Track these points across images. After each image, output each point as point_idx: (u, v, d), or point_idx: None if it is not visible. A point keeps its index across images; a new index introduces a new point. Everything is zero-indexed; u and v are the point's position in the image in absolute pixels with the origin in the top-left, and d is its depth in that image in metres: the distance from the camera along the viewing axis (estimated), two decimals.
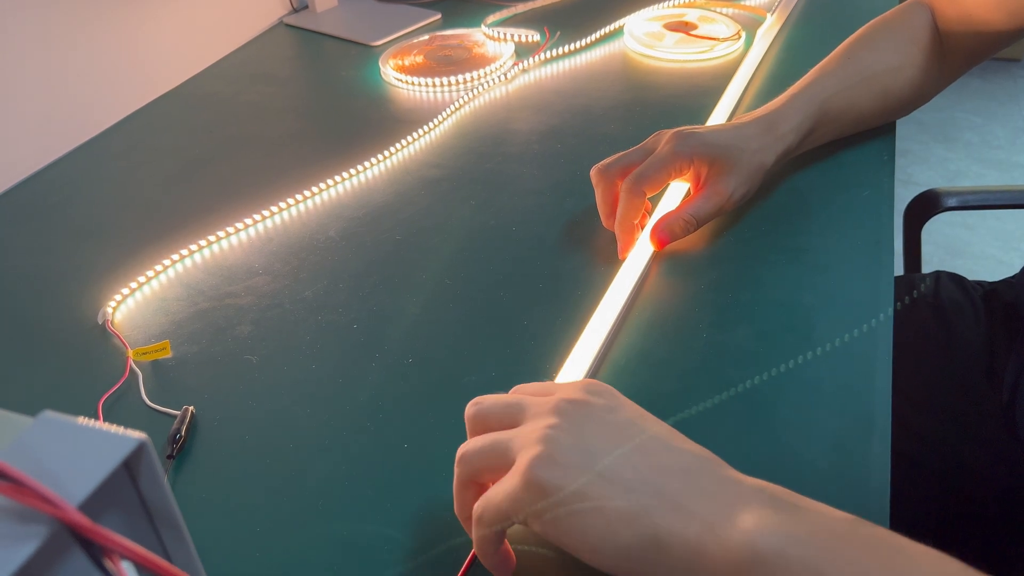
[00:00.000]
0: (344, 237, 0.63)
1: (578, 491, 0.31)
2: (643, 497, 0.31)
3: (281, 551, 0.40)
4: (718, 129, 0.58)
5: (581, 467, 0.32)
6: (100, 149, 0.80)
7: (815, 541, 0.28)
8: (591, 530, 0.31)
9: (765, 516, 0.30)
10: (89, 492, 0.20)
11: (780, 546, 0.28)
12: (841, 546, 0.28)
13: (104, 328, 0.56)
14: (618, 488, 0.31)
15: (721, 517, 0.30)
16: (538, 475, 0.32)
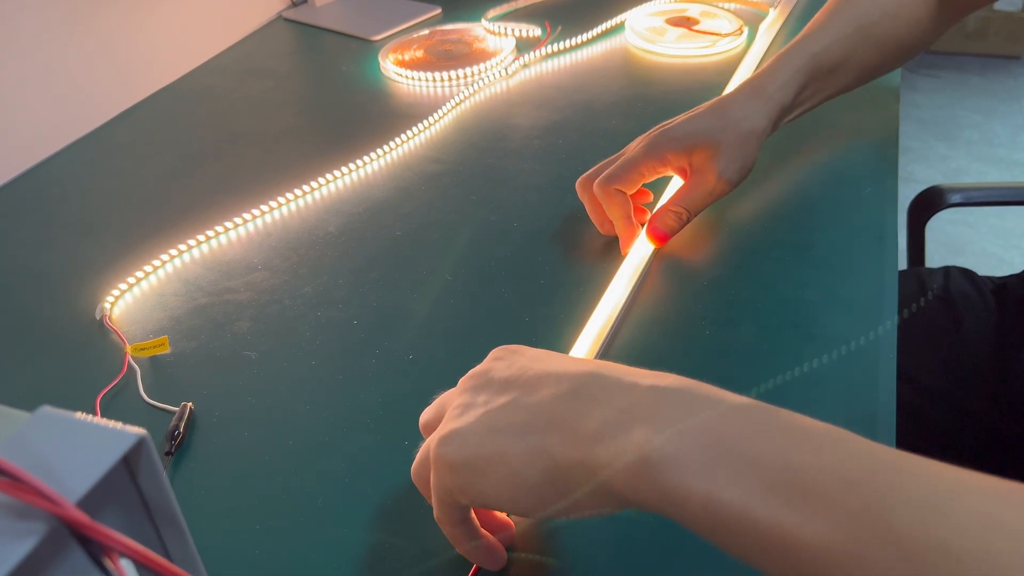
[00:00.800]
0: (344, 232, 0.63)
1: (477, 453, 0.32)
2: (536, 435, 0.31)
3: (280, 549, 0.40)
4: (698, 113, 0.56)
5: (476, 433, 0.33)
6: (98, 143, 0.79)
7: (706, 436, 0.27)
8: (502, 483, 0.31)
9: (655, 418, 0.29)
10: (88, 488, 0.20)
11: (669, 450, 0.27)
12: (733, 439, 0.27)
13: (102, 323, 0.55)
14: (512, 436, 0.32)
15: (611, 428, 0.29)
16: (440, 454, 0.33)
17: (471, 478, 0.32)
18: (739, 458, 0.26)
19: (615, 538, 0.39)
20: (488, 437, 0.32)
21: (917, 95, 2.37)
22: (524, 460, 0.31)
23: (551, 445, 0.31)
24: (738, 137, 0.54)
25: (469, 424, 0.33)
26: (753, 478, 0.26)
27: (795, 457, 0.26)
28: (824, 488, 0.25)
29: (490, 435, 0.32)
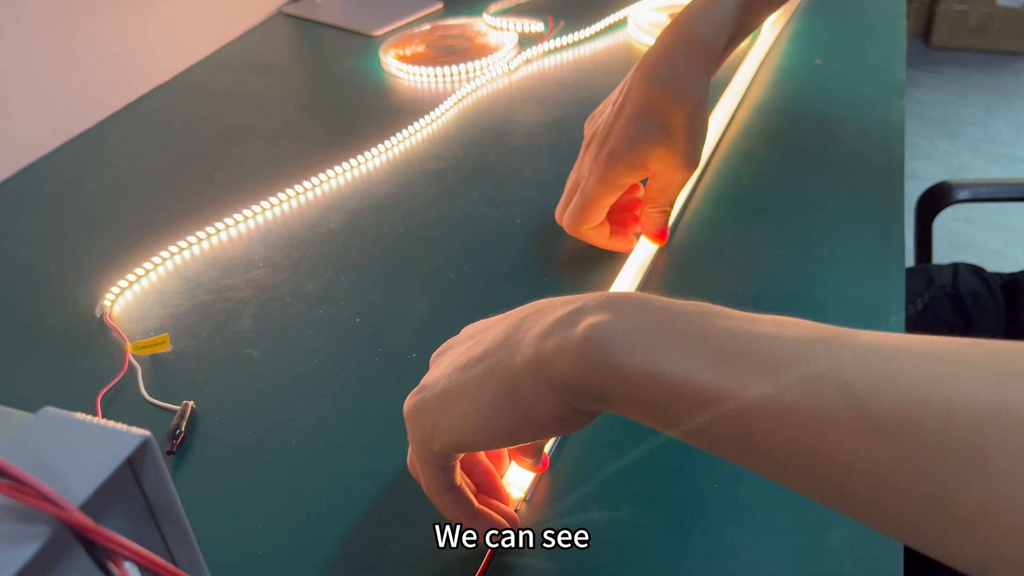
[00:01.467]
0: (345, 229, 0.63)
1: (441, 392, 0.33)
2: (490, 358, 0.32)
3: (283, 549, 0.40)
4: (636, 115, 0.50)
5: (440, 377, 0.34)
6: (98, 139, 0.79)
7: (652, 318, 0.28)
8: (466, 414, 0.32)
9: (601, 310, 0.29)
10: (92, 491, 0.20)
11: (615, 331, 0.28)
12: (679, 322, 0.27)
13: (102, 321, 0.55)
14: (468, 368, 0.33)
15: (558, 325, 0.30)
16: (409, 406, 0.35)
17: (438, 417, 0.33)
18: (684, 334, 0.27)
19: (615, 540, 0.39)
20: (450, 377, 0.33)
21: (920, 91, 2.36)
22: (480, 382, 0.32)
23: (502, 360, 0.31)
24: (686, 120, 0.49)
25: (434, 375, 0.35)
26: (698, 348, 0.26)
27: (740, 327, 0.26)
28: (770, 351, 0.25)
29: (452, 374, 0.33)
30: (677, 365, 0.26)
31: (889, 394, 0.22)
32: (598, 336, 0.28)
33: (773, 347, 0.25)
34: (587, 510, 0.40)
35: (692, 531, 0.38)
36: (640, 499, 0.40)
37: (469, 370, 0.33)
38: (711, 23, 0.50)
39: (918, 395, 0.22)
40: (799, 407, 0.23)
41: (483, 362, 0.32)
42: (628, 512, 0.40)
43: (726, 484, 0.40)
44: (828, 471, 0.23)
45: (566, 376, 0.29)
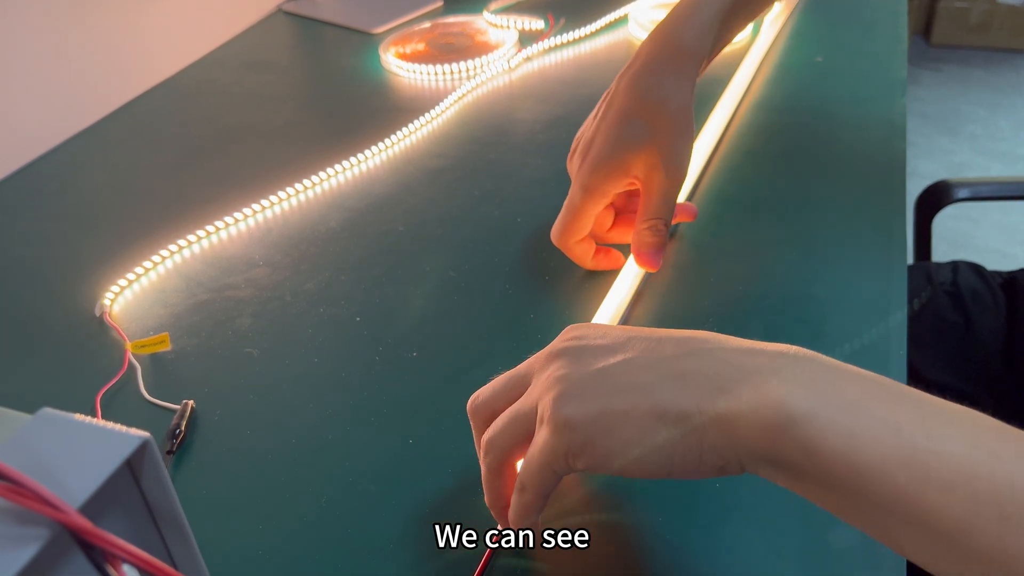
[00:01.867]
0: (346, 228, 0.62)
1: (603, 411, 0.31)
2: (665, 391, 0.30)
3: (283, 549, 0.39)
4: (620, 121, 0.48)
5: (597, 390, 0.32)
6: (97, 138, 0.78)
7: (844, 401, 0.28)
8: (631, 443, 0.30)
9: (791, 379, 0.28)
10: (90, 493, 0.19)
11: (810, 407, 0.27)
12: (871, 404, 0.27)
13: (102, 320, 0.55)
14: (638, 393, 0.31)
15: (747, 385, 0.29)
16: (561, 414, 0.32)
17: (596, 437, 0.31)
18: (880, 422, 0.27)
19: (615, 541, 0.38)
20: (613, 395, 0.31)
21: (920, 89, 2.36)
22: (652, 415, 0.30)
23: (683, 400, 0.30)
24: (672, 126, 0.48)
25: (591, 385, 0.32)
26: (894, 445, 0.26)
27: (934, 427, 0.26)
28: (961, 462, 0.25)
29: (615, 393, 0.31)
30: (873, 456, 0.26)
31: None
32: (793, 413, 0.27)
33: (968, 459, 0.25)
34: (587, 510, 0.40)
35: (693, 531, 0.38)
36: (641, 499, 0.40)
37: (636, 396, 0.31)
38: (694, 29, 0.49)
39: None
40: (991, 530, 0.24)
41: (654, 394, 0.30)
42: (629, 512, 0.39)
43: (728, 484, 0.40)
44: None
45: (756, 445, 0.28)
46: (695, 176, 0.63)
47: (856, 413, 0.27)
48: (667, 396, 0.30)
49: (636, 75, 0.49)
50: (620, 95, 0.49)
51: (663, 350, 0.32)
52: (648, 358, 0.32)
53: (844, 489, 0.27)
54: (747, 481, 0.40)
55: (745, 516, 0.39)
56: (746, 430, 0.28)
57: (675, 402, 0.30)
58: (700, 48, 0.50)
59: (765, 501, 0.39)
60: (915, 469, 0.25)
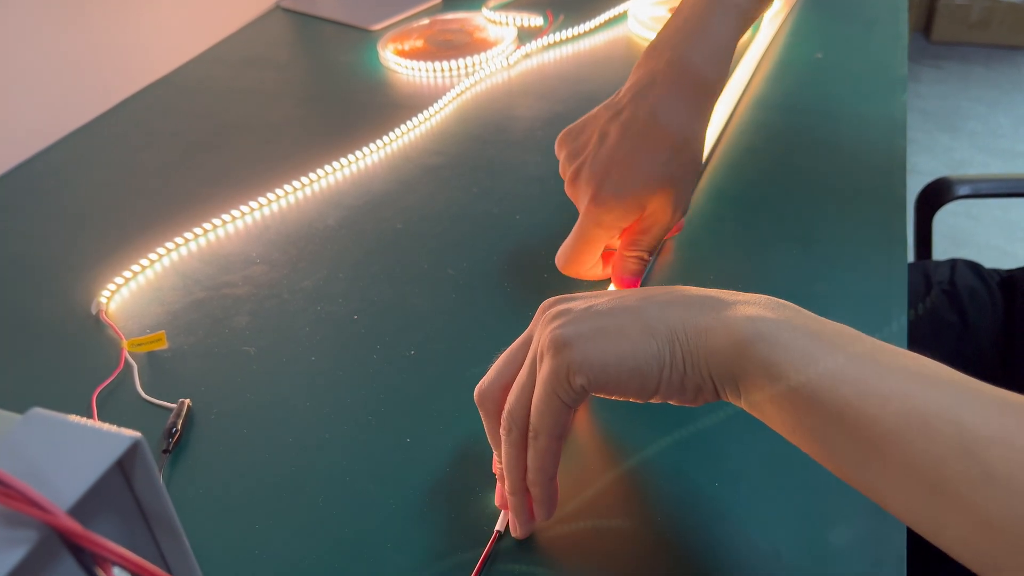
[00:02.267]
0: (343, 225, 0.62)
1: (597, 327, 0.33)
2: (652, 312, 0.34)
3: (280, 549, 0.39)
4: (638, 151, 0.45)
5: (591, 316, 0.34)
6: (94, 135, 0.78)
7: (810, 331, 0.31)
8: (625, 355, 0.33)
9: (763, 308, 0.32)
10: (80, 495, 0.19)
11: (777, 328, 0.31)
12: (830, 335, 0.30)
13: (98, 318, 0.55)
14: (629, 314, 0.34)
15: (725, 308, 0.33)
16: (558, 333, 0.34)
17: (593, 349, 0.33)
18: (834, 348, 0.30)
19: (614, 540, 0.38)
20: (605, 316, 0.34)
21: (920, 85, 2.36)
22: (646, 332, 0.33)
23: (670, 318, 0.33)
24: (688, 165, 0.47)
25: (578, 312, 0.35)
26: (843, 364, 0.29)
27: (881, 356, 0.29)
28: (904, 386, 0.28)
29: (607, 315, 0.34)
30: (823, 376, 0.29)
31: (1000, 448, 0.25)
32: (761, 329, 0.31)
33: (907, 381, 0.28)
34: (587, 508, 0.39)
35: (693, 530, 0.38)
36: (640, 498, 0.40)
37: (629, 317, 0.34)
38: (714, 62, 0.47)
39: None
40: (917, 440, 0.26)
41: (645, 314, 0.33)
42: (628, 511, 0.39)
43: (726, 483, 0.40)
44: (932, 505, 0.26)
45: (726, 356, 0.31)
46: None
47: (815, 337, 0.30)
48: (655, 315, 0.33)
49: (657, 105, 0.46)
50: (638, 123, 0.46)
51: (656, 293, 0.35)
52: (636, 295, 0.35)
53: (797, 405, 0.29)
54: (747, 481, 0.40)
55: (744, 515, 0.38)
56: (718, 342, 0.32)
57: (662, 319, 0.33)
58: (721, 79, 0.47)
59: (765, 501, 0.39)
60: (859, 385, 0.28)
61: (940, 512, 0.26)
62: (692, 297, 0.34)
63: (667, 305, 0.34)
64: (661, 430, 0.43)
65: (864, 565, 0.36)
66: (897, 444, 0.27)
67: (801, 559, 0.36)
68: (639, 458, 0.42)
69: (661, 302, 0.34)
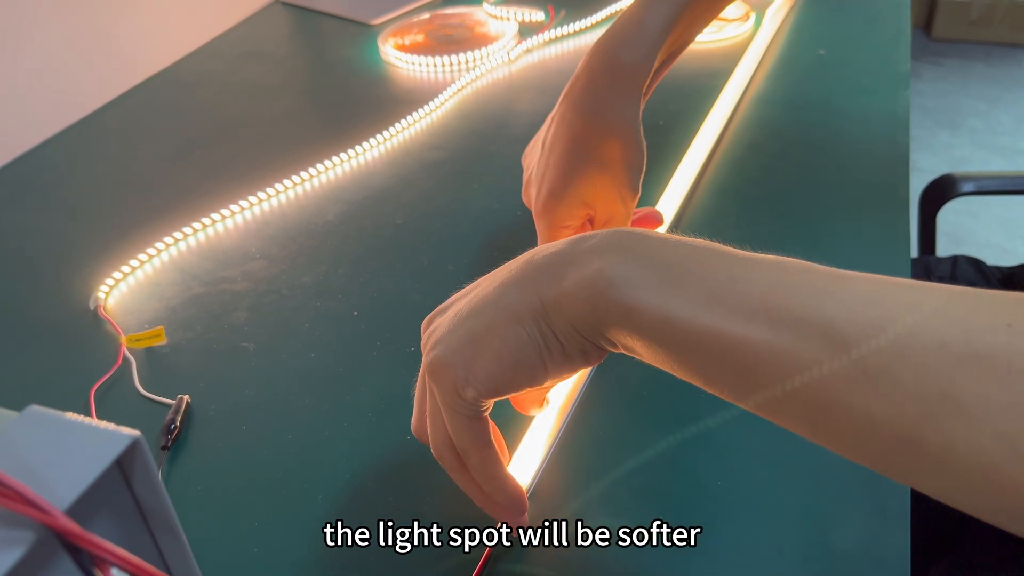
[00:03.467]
0: (343, 221, 0.62)
1: (467, 336, 0.33)
2: (511, 297, 0.32)
3: (279, 546, 0.39)
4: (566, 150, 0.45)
5: (456, 326, 0.34)
6: (93, 128, 0.78)
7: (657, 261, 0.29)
8: (502, 354, 0.32)
9: (610, 251, 0.30)
10: (78, 494, 0.19)
11: (624, 271, 0.29)
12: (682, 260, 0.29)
13: (96, 314, 0.54)
14: (490, 309, 0.33)
15: (573, 265, 0.31)
16: (433, 357, 0.34)
17: (470, 362, 0.32)
18: (688, 273, 0.28)
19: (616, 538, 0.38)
20: (470, 321, 0.33)
21: (921, 83, 2.35)
22: (512, 321, 0.32)
23: (528, 298, 0.32)
24: (620, 149, 0.46)
25: (447, 325, 0.34)
26: (700, 291, 0.28)
27: (741, 272, 0.28)
28: (766, 296, 0.27)
29: (471, 319, 0.33)
30: (682, 308, 0.28)
31: (872, 342, 0.24)
32: (611, 278, 0.29)
33: (768, 292, 0.27)
34: (588, 507, 0.39)
35: (694, 528, 0.38)
36: (642, 496, 0.40)
37: (492, 313, 0.33)
38: (638, 48, 0.45)
39: (897, 343, 0.24)
40: (789, 349, 0.25)
41: (505, 303, 0.32)
42: (630, 509, 0.39)
43: (729, 481, 0.40)
44: (815, 411, 0.26)
45: (585, 315, 0.30)
46: (696, 171, 0.62)
47: (667, 269, 0.29)
48: (514, 299, 0.32)
49: (578, 99, 0.46)
50: (564, 121, 0.46)
51: (504, 271, 0.34)
52: (491, 282, 0.34)
53: (664, 341, 0.29)
54: (750, 479, 0.40)
55: (747, 514, 0.38)
56: (574, 305, 0.30)
57: (522, 301, 0.32)
58: (644, 67, 0.46)
59: (767, 499, 0.39)
60: (720, 307, 0.27)
61: (823, 417, 0.26)
62: (541, 265, 0.32)
63: (521, 283, 0.33)
64: (662, 429, 0.43)
65: (867, 564, 0.36)
66: (768, 358, 0.26)
67: (803, 558, 0.36)
68: (640, 457, 0.42)
69: (516, 281, 0.33)
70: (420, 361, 0.48)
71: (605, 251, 0.30)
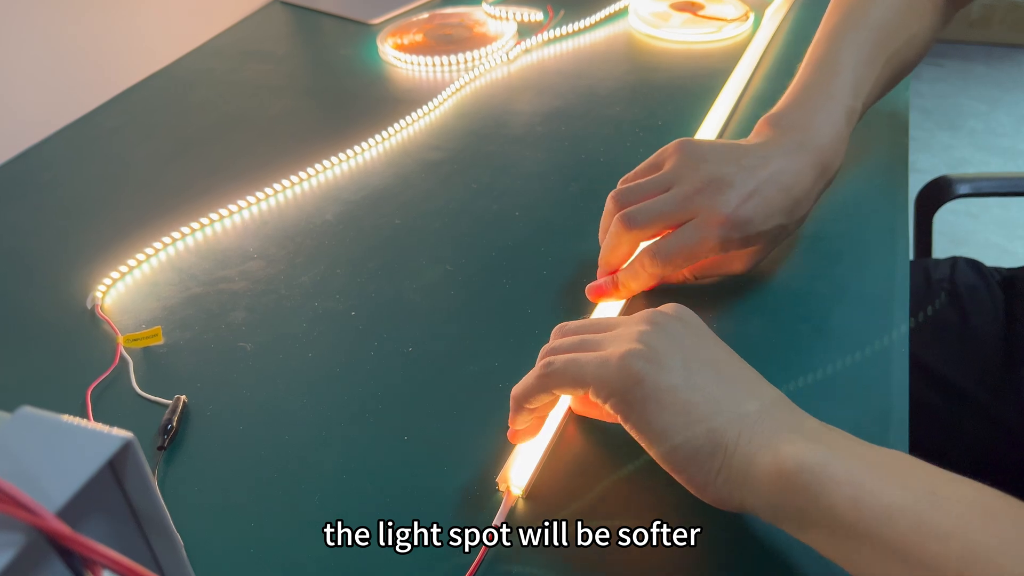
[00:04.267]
0: (342, 221, 0.62)
1: (667, 385, 0.35)
2: (722, 407, 0.34)
3: (276, 548, 0.39)
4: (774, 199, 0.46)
5: (672, 366, 0.35)
6: (92, 127, 0.77)
7: (857, 461, 0.31)
8: (668, 421, 0.34)
9: (819, 440, 0.33)
10: (69, 496, 0.19)
11: (825, 460, 0.31)
12: (880, 461, 0.31)
13: (93, 313, 0.54)
14: (701, 393, 0.35)
15: (779, 439, 0.33)
16: (634, 364, 0.35)
17: (649, 405, 0.35)
18: (887, 475, 0.30)
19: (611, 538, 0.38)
20: (682, 380, 0.35)
21: (920, 84, 2.35)
22: (699, 416, 0.34)
23: (729, 423, 0.34)
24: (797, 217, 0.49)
25: (670, 359, 0.36)
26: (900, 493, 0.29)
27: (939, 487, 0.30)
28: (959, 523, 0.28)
29: (684, 380, 0.35)
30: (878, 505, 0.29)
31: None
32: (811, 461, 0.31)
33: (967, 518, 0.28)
34: (588, 507, 0.39)
35: (690, 530, 0.38)
36: (642, 496, 0.39)
37: (704, 407, 0.34)
38: (839, 153, 0.50)
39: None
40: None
41: (718, 411, 0.34)
42: (630, 509, 0.39)
43: None
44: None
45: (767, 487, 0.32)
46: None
47: (866, 467, 0.31)
48: (718, 411, 0.34)
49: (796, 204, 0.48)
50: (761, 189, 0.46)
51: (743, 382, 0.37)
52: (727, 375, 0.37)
53: (847, 534, 0.30)
54: None
55: (746, 515, 0.38)
56: (762, 471, 0.32)
57: (720, 419, 0.34)
58: (836, 164, 0.50)
59: None
60: (916, 518, 0.28)
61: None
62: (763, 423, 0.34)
63: (742, 418, 0.34)
64: None
65: None
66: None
67: (800, 558, 0.36)
68: (637, 457, 0.41)
69: (741, 413, 0.34)
70: (418, 362, 0.48)
71: (816, 435, 0.33)
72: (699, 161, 0.48)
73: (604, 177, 0.64)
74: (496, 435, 0.43)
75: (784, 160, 0.47)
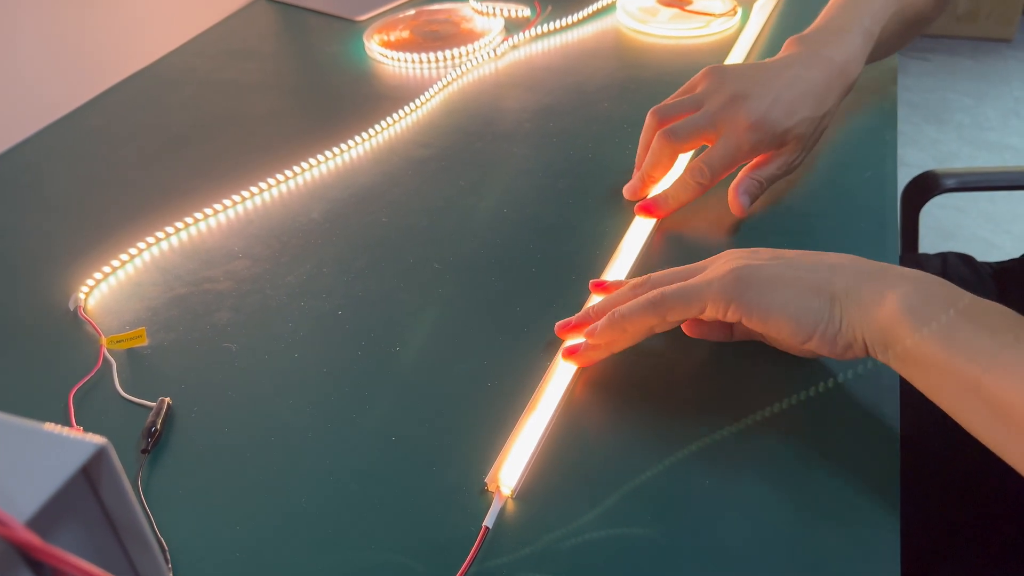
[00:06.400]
0: (328, 219, 0.61)
1: (775, 274, 0.40)
2: (825, 276, 0.40)
3: (262, 550, 0.38)
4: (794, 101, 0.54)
5: (769, 264, 0.41)
6: (74, 126, 0.76)
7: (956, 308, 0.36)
8: (783, 299, 0.39)
9: (916, 284, 0.38)
10: (40, 505, 0.18)
11: (925, 308, 0.36)
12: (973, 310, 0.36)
13: (76, 314, 0.53)
14: (800, 270, 0.40)
15: (884, 281, 0.38)
16: (740, 272, 0.40)
17: (764, 297, 0.40)
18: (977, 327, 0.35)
19: (606, 539, 0.37)
20: (783, 267, 0.41)
21: (907, 78, 2.36)
22: (811, 288, 0.39)
23: (836, 283, 0.39)
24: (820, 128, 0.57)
25: (767, 262, 0.41)
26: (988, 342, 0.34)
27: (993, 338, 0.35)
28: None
29: (787, 268, 0.40)
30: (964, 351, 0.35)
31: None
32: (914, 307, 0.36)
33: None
34: (585, 509, 0.39)
35: (685, 529, 0.37)
36: (632, 497, 0.39)
37: (802, 274, 0.40)
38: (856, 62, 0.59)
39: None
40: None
41: (815, 276, 0.40)
42: (620, 510, 0.38)
43: (719, 481, 0.39)
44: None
45: (879, 327, 0.37)
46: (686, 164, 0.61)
47: (958, 314, 0.36)
48: (825, 276, 0.40)
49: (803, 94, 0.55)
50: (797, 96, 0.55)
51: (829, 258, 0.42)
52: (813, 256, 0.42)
53: (938, 372, 0.35)
54: (740, 479, 0.39)
55: (737, 515, 0.38)
56: (876, 313, 0.37)
57: (830, 282, 0.39)
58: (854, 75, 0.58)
59: (758, 500, 0.38)
60: (998, 366, 0.33)
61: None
62: (860, 268, 0.40)
63: (837, 269, 0.40)
64: (661, 429, 0.42)
65: (858, 563, 0.35)
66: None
67: (795, 557, 0.36)
68: (638, 457, 0.41)
69: (833, 264, 0.40)
70: (406, 361, 0.48)
71: (912, 282, 0.38)
72: (724, 81, 0.56)
73: (593, 174, 0.63)
74: (486, 435, 0.42)
75: (801, 68, 0.55)
